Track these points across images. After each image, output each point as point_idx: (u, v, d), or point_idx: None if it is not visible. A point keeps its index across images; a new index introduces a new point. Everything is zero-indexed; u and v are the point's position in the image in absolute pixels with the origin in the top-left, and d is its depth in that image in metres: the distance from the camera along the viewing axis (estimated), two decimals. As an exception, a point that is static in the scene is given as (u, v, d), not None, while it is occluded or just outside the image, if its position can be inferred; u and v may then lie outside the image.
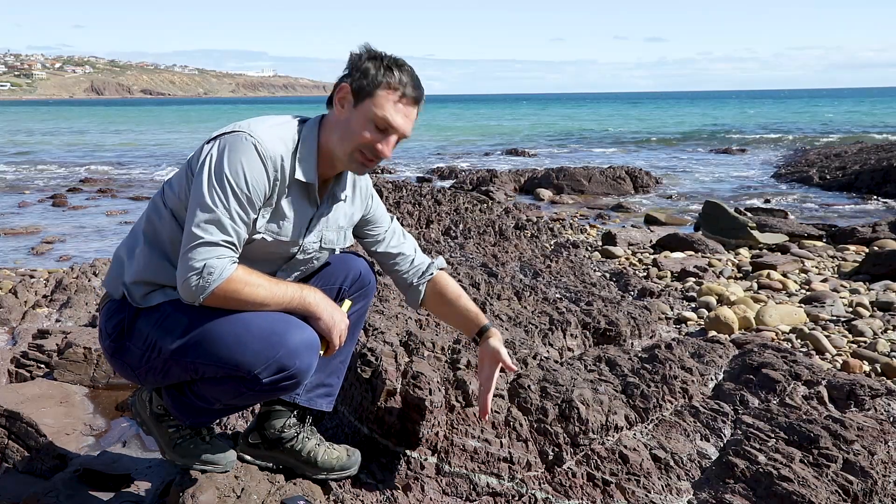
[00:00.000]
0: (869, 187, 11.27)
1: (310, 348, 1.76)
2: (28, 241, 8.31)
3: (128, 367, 1.85)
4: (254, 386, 1.75)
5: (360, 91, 1.74)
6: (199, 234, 1.66)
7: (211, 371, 1.76)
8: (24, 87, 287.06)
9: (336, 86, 1.80)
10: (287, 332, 1.73)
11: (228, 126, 1.77)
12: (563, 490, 2.12)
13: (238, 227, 1.70)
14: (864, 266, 5.87)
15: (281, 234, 1.83)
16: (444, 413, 2.20)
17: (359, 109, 1.75)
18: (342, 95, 1.77)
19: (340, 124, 1.78)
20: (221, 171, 1.68)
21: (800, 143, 19.56)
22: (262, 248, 1.82)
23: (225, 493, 1.92)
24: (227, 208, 1.67)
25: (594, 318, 3.88)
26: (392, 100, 1.75)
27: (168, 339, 1.75)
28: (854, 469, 2.07)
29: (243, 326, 1.72)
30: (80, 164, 19.13)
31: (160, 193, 1.85)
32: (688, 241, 6.95)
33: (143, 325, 1.79)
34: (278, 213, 1.80)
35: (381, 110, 1.74)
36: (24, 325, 4.46)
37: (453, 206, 8.17)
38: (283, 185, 1.77)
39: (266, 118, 1.81)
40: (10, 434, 2.65)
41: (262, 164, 1.70)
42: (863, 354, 3.91)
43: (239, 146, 1.70)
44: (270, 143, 1.72)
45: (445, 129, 35.51)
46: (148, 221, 1.83)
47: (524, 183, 12.96)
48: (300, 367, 1.74)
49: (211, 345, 1.72)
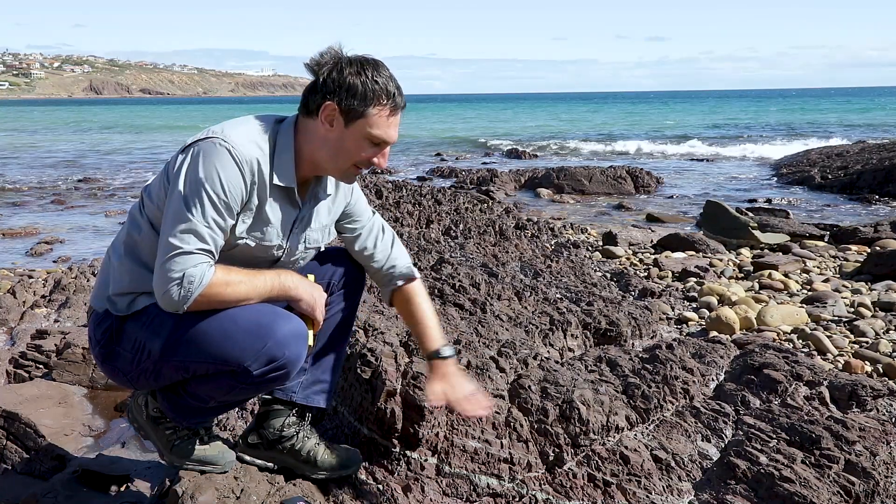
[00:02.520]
0: (871, 187, 11.24)
1: (298, 337, 1.77)
2: (26, 241, 8.30)
3: (120, 372, 1.86)
4: (245, 379, 1.75)
5: (350, 112, 1.73)
6: (176, 243, 1.65)
7: (202, 368, 1.77)
8: (22, 87, 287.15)
9: (313, 96, 1.75)
10: (274, 323, 1.73)
11: (202, 132, 1.75)
12: (564, 491, 2.11)
13: (215, 235, 1.69)
14: (865, 266, 5.85)
15: (265, 239, 1.83)
16: (445, 413, 2.19)
17: (351, 130, 1.74)
18: (329, 115, 1.74)
19: (331, 143, 1.77)
20: (196, 178, 1.66)
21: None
22: (247, 253, 1.82)
23: (224, 494, 1.91)
24: (204, 216, 1.66)
25: (595, 319, 3.87)
26: (385, 115, 1.75)
27: (156, 340, 1.76)
28: (856, 470, 2.06)
29: (230, 321, 1.72)
30: (80, 164, 19.13)
31: (138, 204, 1.83)
32: (689, 241, 6.94)
33: (131, 329, 1.79)
34: (261, 219, 1.79)
35: (376, 129, 1.75)
36: (23, 326, 4.45)
37: (453, 206, 8.16)
38: (264, 190, 1.76)
39: (240, 121, 1.79)
40: (8, 435, 2.65)
41: (237, 170, 1.69)
42: (864, 355, 3.90)
43: (213, 152, 1.68)
44: (245, 147, 1.71)
45: (446, 129, 35.49)
46: (128, 235, 1.83)
47: (525, 182, 12.96)
48: (289, 356, 1.75)
49: (199, 342, 1.73)
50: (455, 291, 4.05)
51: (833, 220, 8.98)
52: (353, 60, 1.74)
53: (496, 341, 2.98)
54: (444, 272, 4.44)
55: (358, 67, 1.73)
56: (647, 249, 7.06)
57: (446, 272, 4.43)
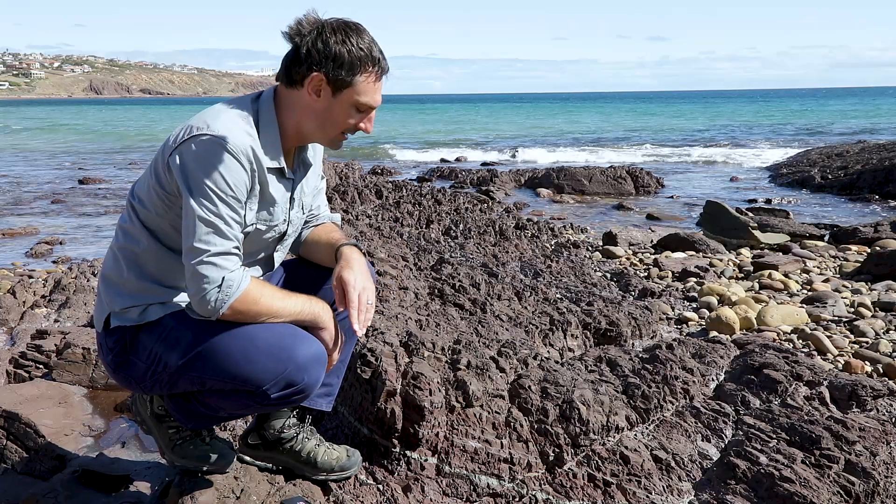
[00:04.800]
0: (871, 187, 11.24)
1: (318, 362, 1.75)
2: (26, 241, 8.29)
3: (133, 380, 1.84)
4: (262, 400, 1.74)
5: (338, 81, 1.71)
6: (203, 247, 1.63)
7: (218, 384, 1.75)
8: (22, 87, 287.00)
9: (296, 67, 1.71)
10: (295, 347, 1.71)
11: (185, 129, 1.69)
12: (564, 491, 2.11)
13: (234, 230, 1.68)
14: (865, 266, 5.85)
15: (273, 219, 1.83)
16: (445, 414, 2.19)
17: (339, 99, 1.74)
18: (316, 86, 1.72)
19: (318, 112, 1.76)
20: (201, 181, 1.64)
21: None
22: (258, 236, 1.82)
23: (224, 494, 1.92)
24: (220, 215, 1.65)
25: (595, 319, 3.87)
26: (371, 81, 1.75)
27: (173, 354, 1.74)
28: (856, 470, 2.06)
29: (250, 341, 1.70)
30: (80, 164, 19.13)
31: (128, 215, 1.80)
32: (689, 241, 6.94)
33: (146, 340, 1.77)
34: (266, 200, 1.79)
35: (364, 96, 1.75)
36: (23, 326, 4.45)
37: (453, 206, 8.16)
38: (263, 173, 1.75)
39: (219, 110, 1.74)
40: (8, 435, 2.64)
41: (237, 162, 1.67)
42: (864, 355, 3.90)
43: (209, 150, 1.64)
44: (237, 137, 1.67)
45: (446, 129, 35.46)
46: (125, 250, 1.80)
47: (524, 182, 12.96)
48: (308, 381, 1.74)
49: (218, 360, 1.71)
50: (455, 291, 4.05)
51: (833, 220, 8.98)
52: (336, 27, 1.72)
53: (496, 341, 2.98)
54: (444, 272, 4.44)
55: (343, 35, 1.71)
56: (647, 249, 7.06)
57: (446, 272, 4.43)
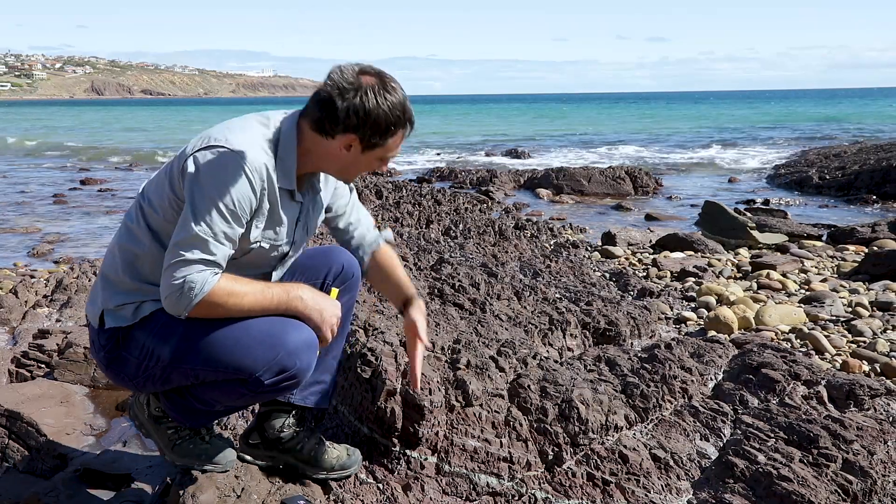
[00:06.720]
0: (868, 187, 11.25)
1: (309, 347, 1.78)
2: (28, 240, 8.30)
3: (125, 377, 1.85)
4: (256, 388, 1.76)
5: (371, 144, 1.76)
6: (181, 252, 1.65)
7: (211, 375, 1.77)
8: (24, 88, 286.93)
9: (331, 123, 1.72)
10: (285, 333, 1.75)
11: (203, 137, 1.72)
12: (563, 490, 2.12)
13: (223, 246, 1.69)
14: (863, 266, 5.87)
15: (278, 238, 1.85)
16: (444, 413, 2.20)
17: (367, 155, 1.79)
18: (348, 143, 1.75)
19: (343, 163, 1.81)
20: (206, 190, 1.65)
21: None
22: (262, 255, 1.85)
23: (225, 493, 1.93)
24: (212, 228, 1.66)
25: (594, 318, 3.89)
26: (399, 139, 1.81)
27: (165, 348, 1.76)
28: (853, 469, 2.07)
29: (241, 330, 1.73)
30: (80, 164, 19.13)
31: (135, 213, 1.81)
32: (687, 241, 6.95)
33: (138, 335, 1.79)
34: (274, 220, 1.81)
35: (390, 152, 1.81)
36: (25, 325, 4.46)
37: (453, 206, 8.18)
38: (274, 193, 1.76)
39: (241, 125, 1.77)
40: (10, 434, 2.66)
41: (247, 179, 1.68)
42: (862, 354, 3.92)
43: (222, 162, 1.66)
44: (254, 154, 1.70)
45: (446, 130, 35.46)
46: (125, 248, 1.81)
47: (524, 183, 12.97)
48: (300, 366, 1.76)
49: (210, 350, 1.73)
50: (455, 291, 4.06)
51: (831, 220, 8.99)
52: (376, 89, 1.71)
53: (496, 341, 2.99)
54: (443, 272, 4.45)
55: (382, 98, 1.71)
56: (645, 249, 7.07)
57: (446, 272, 4.44)
